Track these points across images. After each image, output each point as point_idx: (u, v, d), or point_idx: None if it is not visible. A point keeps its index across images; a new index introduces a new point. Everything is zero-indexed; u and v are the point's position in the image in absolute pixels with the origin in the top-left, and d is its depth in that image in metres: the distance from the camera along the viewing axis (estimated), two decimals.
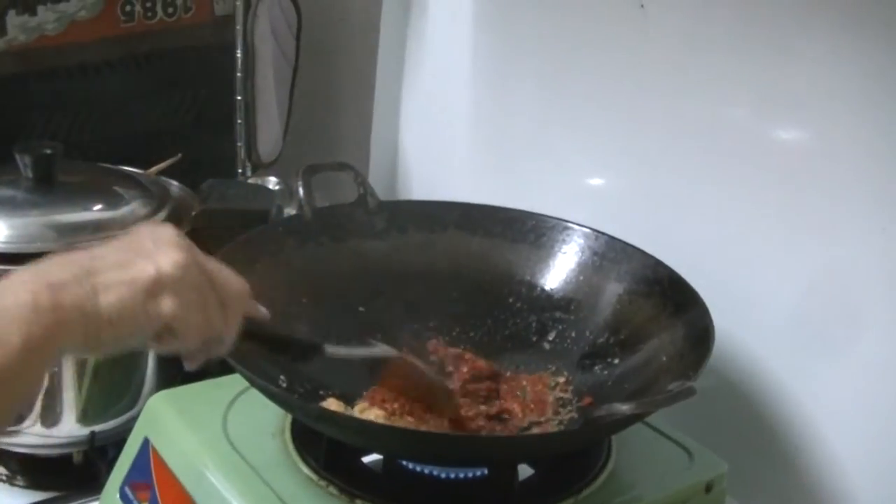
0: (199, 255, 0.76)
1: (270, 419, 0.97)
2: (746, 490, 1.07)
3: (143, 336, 0.74)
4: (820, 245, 1.03)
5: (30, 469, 1.17)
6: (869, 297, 1.00)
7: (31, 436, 1.13)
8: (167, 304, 0.72)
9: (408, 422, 0.94)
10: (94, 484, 1.08)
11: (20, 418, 1.11)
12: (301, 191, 1.08)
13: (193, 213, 1.16)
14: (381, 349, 0.95)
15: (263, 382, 0.87)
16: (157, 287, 0.72)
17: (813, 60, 1.00)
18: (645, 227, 1.13)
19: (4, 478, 1.16)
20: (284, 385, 0.96)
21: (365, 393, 0.99)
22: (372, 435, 0.90)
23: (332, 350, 0.91)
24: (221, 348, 0.79)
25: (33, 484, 1.16)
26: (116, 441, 1.06)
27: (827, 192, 1.01)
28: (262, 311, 0.83)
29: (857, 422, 1.02)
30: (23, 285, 0.69)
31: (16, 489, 1.16)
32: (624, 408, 0.81)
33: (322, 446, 0.92)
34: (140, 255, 0.73)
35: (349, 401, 0.99)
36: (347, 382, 1.00)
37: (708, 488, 0.95)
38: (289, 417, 0.97)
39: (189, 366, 0.79)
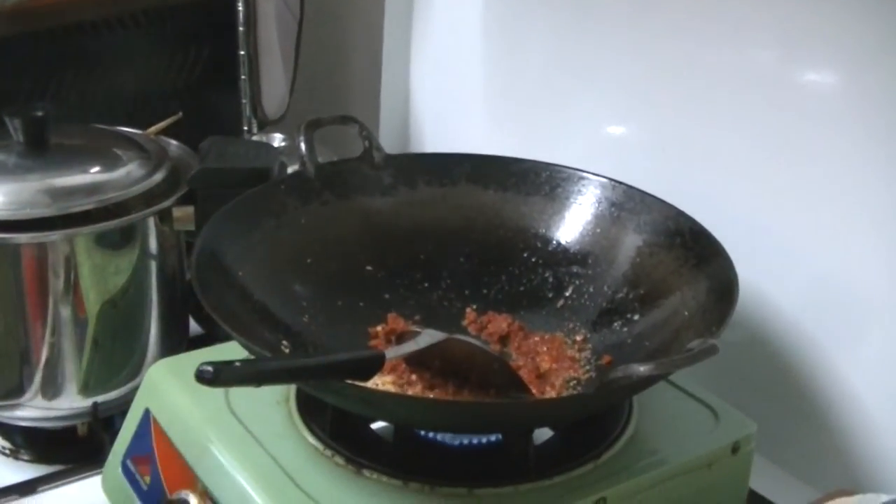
0: None
1: (275, 386, 0.93)
2: (776, 448, 1.03)
3: None
4: (850, 193, 0.98)
5: (34, 442, 1.14)
6: None
7: (32, 408, 1.10)
8: None
9: (417, 389, 0.91)
10: (100, 456, 1.04)
11: (20, 390, 1.08)
12: (303, 146, 1.05)
13: (191, 174, 1.11)
14: (429, 335, 0.90)
15: (259, 350, 0.83)
16: None
17: (842, 1, 0.95)
18: (666, 177, 1.09)
19: (9, 451, 1.13)
20: (288, 351, 0.92)
21: None
22: (380, 405, 0.85)
23: (393, 353, 0.87)
24: None
25: (38, 457, 1.12)
26: (123, 411, 1.02)
27: (857, 138, 0.97)
28: None
29: (890, 377, 0.98)
30: None
31: (21, 463, 1.13)
32: (642, 369, 0.76)
33: (328, 414, 0.88)
34: None
35: None
36: (354, 344, 0.97)
37: (734, 449, 0.91)
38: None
39: None
